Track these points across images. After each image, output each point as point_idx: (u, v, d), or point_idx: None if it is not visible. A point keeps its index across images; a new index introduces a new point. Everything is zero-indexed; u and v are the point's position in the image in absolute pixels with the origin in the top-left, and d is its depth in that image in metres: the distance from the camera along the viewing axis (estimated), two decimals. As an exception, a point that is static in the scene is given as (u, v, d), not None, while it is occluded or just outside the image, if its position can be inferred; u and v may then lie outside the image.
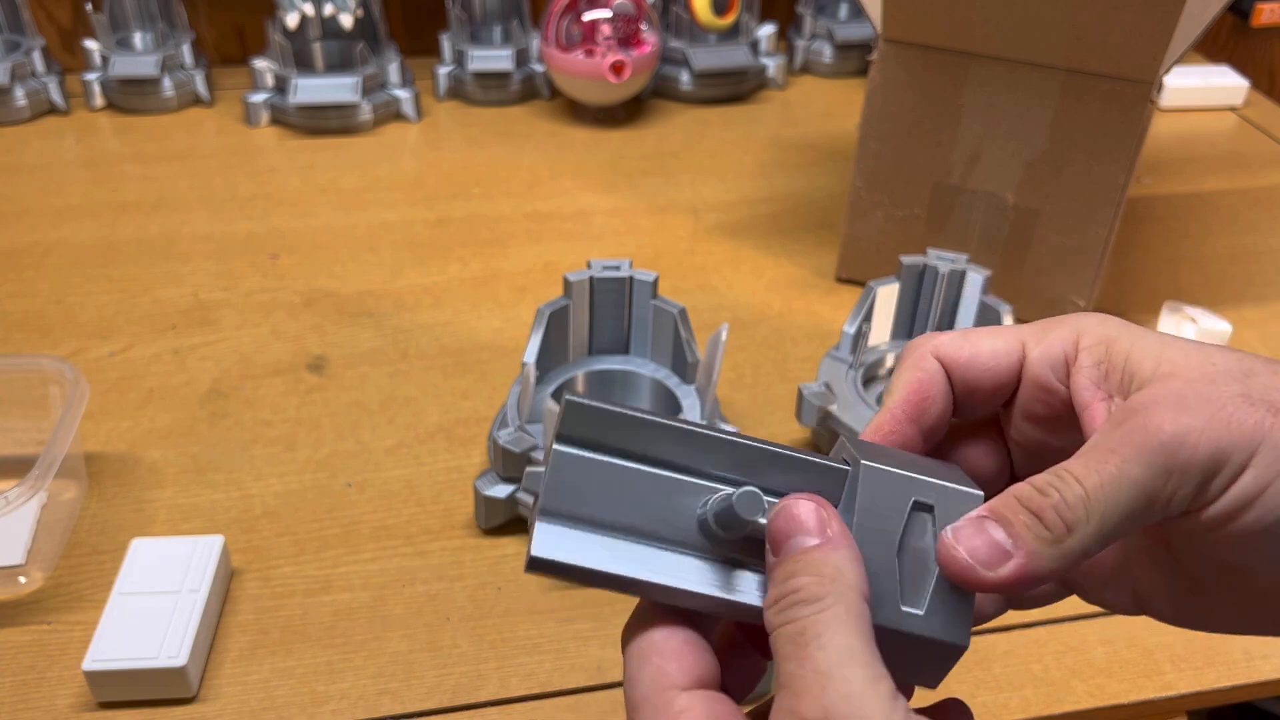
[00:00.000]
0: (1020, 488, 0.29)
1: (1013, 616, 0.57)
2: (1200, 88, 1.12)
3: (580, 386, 0.67)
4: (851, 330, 0.68)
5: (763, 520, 0.29)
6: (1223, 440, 0.28)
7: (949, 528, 0.29)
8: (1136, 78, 0.68)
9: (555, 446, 0.29)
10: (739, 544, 0.30)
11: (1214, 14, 0.68)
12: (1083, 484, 0.29)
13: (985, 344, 0.33)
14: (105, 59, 1.04)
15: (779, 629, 0.28)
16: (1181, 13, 0.64)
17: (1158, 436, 0.28)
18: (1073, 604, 0.58)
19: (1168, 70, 0.68)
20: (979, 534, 0.29)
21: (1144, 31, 0.65)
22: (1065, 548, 0.29)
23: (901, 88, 0.74)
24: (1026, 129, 0.72)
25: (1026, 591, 0.29)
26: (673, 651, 0.29)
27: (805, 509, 0.29)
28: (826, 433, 0.66)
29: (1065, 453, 0.30)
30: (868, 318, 0.69)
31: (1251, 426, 0.28)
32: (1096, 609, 0.58)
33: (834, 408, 0.65)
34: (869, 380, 0.70)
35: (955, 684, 0.54)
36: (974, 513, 0.30)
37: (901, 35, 0.72)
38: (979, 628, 0.31)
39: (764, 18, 1.16)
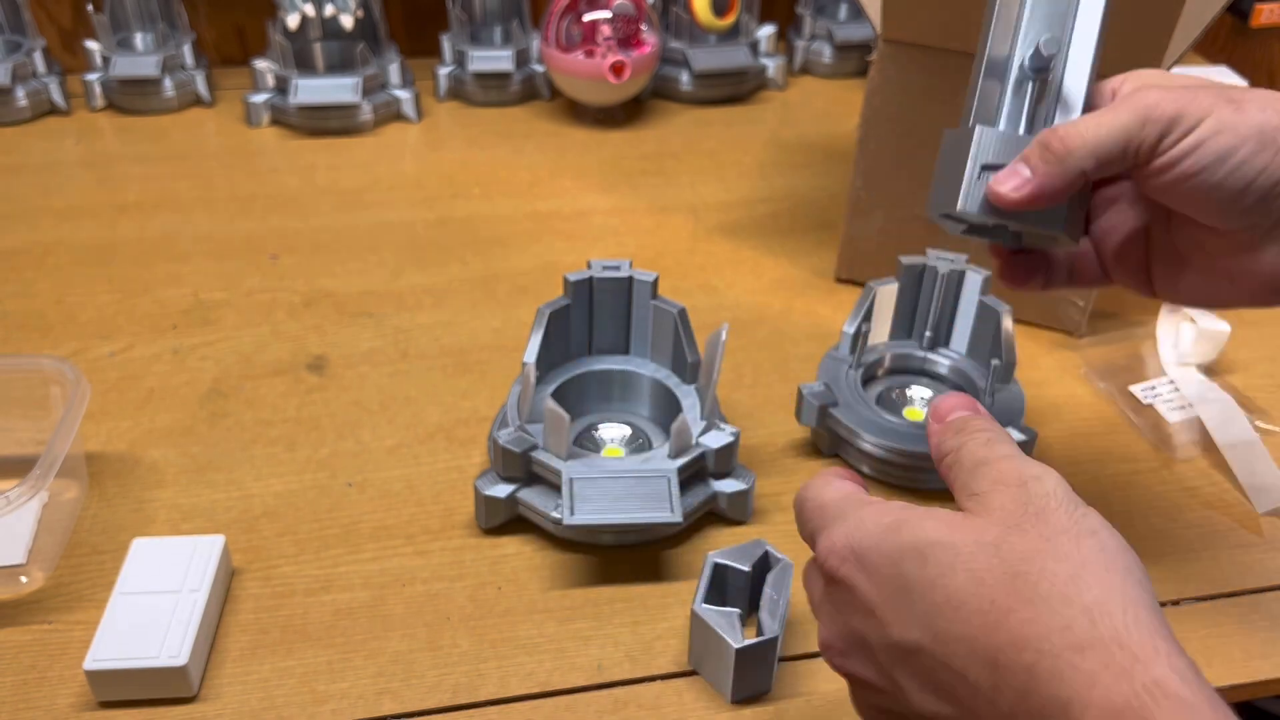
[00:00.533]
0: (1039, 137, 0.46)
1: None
2: (1200, 88, 1.12)
3: (580, 386, 0.67)
4: (851, 330, 0.68)
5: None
6: (1186, 107, 0.42)
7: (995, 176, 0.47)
8: (1136, 78, 0.68)
9: None
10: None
11: (1214, 14, 0.68)
12: (1079, 126, 0.44)
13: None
14: (106, 59, 1.04)
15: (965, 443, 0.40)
16: (1181, 13, 0.64)
17: (1143, 100, 0.43)
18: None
19: (1167, 70, 0.68)
20: (1010, 172, 0.46)
21: (1143, 31, 0.65)
22: (1066, 166, 0.44)
23: (901, 88, 0.74)
24: (1026, 129, 0.72)
25: (1047, 204, 0.45)
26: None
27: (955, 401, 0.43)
28: (826, 432, 0.66)
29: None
30: (867, 318, 0.69)
31: (1208, 104, 0.42)
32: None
33: (834, 409, 0.65)
34: (868, 380, 0.70)
35: (955, 683, 0.54)
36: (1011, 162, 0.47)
37: (901, 35, 0.72)
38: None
39: (764, 18, 1.16)
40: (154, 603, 0.54)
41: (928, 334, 0.70)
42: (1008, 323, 0.65)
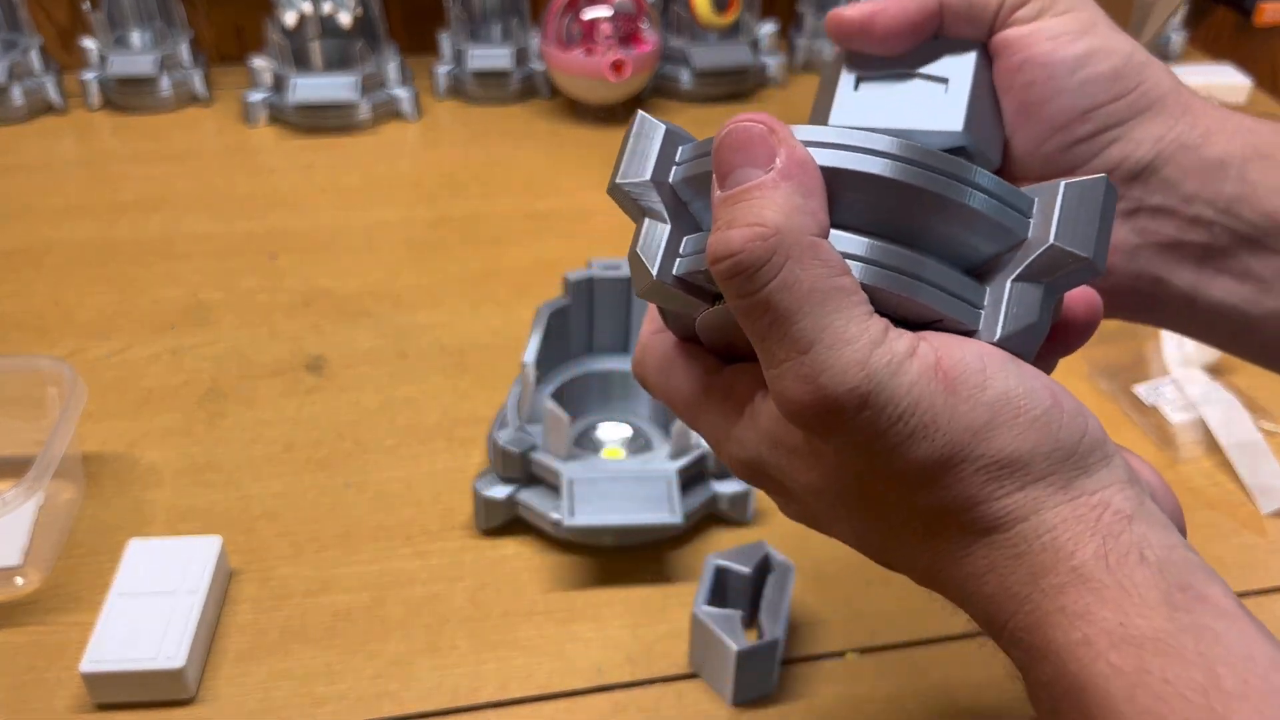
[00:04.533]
0: None
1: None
2: (1203, 86, 1.11)
3: (580, 386, 0.67)
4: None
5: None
6: None
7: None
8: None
9: None
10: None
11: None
12: None
13: None
14: (103, 58, 1.04)
15: (734, 304, 0.29)
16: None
17: None
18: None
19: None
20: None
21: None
22: None
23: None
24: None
25: (895, 31, 0.37)
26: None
27: (752, 129, 0.29)
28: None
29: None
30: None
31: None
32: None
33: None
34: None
35: (957, 686, 0.54)
36: None
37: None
38: (982, 632, 0.30)
39: (765, 16, 1.16)
40: (151, 604, 0.53)
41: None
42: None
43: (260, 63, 1.04)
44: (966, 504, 0.28)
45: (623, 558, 0.60)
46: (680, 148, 0.33)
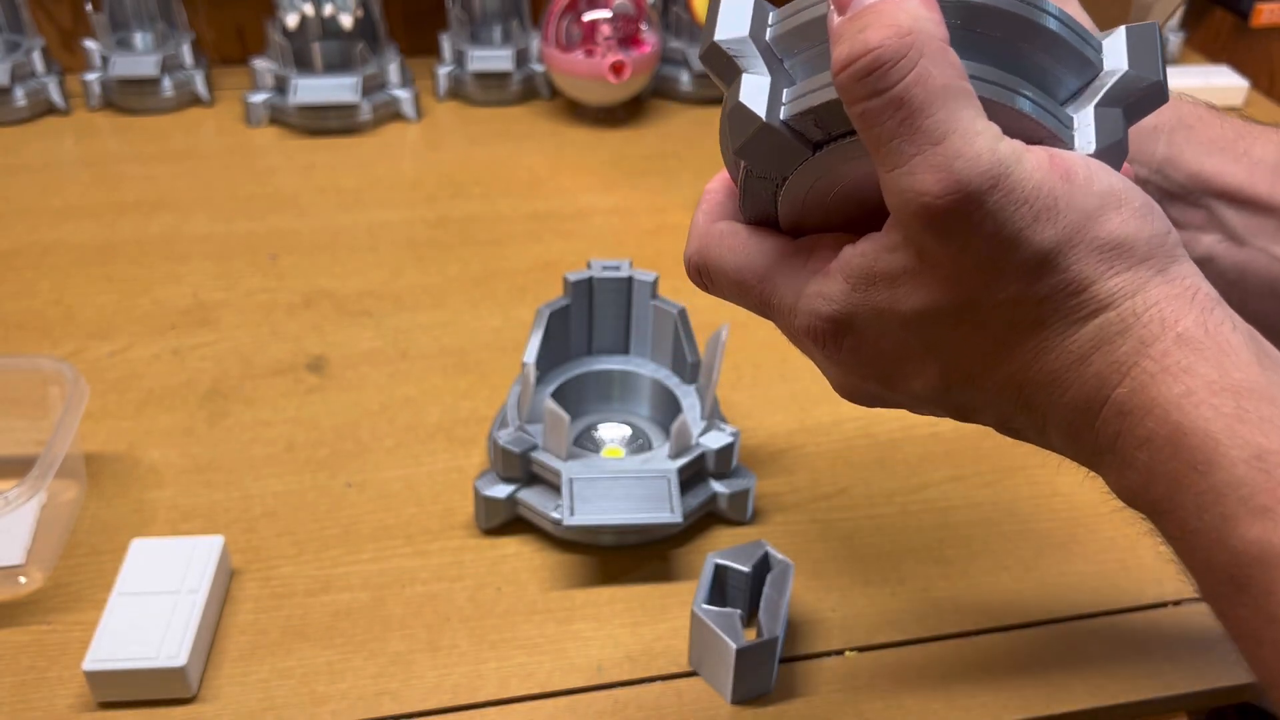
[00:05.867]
0: None
1: (1013, 616, 0.57)
2: (1200, 88, 1.12)
3: (580, 386, 0.67)
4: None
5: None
6: None
7: None
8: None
9: None
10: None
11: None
12: None
13: None
14: (105, 59, 1.04)
15: (861, 107, 0.30)
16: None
17: None
18: (1073, 604, 0.58)
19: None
20: None
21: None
22: None
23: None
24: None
25: None
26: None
27: None
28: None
29: None
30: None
31: None
32: (1097, 609, 0.58)
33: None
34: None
35: (955, 684, 0.54)
36: None
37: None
38: (979, 630, 0.31)
39: (764, 18, 1.16)
40: (153, 603, 0.54)
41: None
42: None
43: (261, 64, 1.04)
44: (1080, 285, 0.31)
45: (623, 556, 0.60)
46: (770, 12, 0.34)
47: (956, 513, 0.64)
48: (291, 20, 1.04)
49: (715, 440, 0.61)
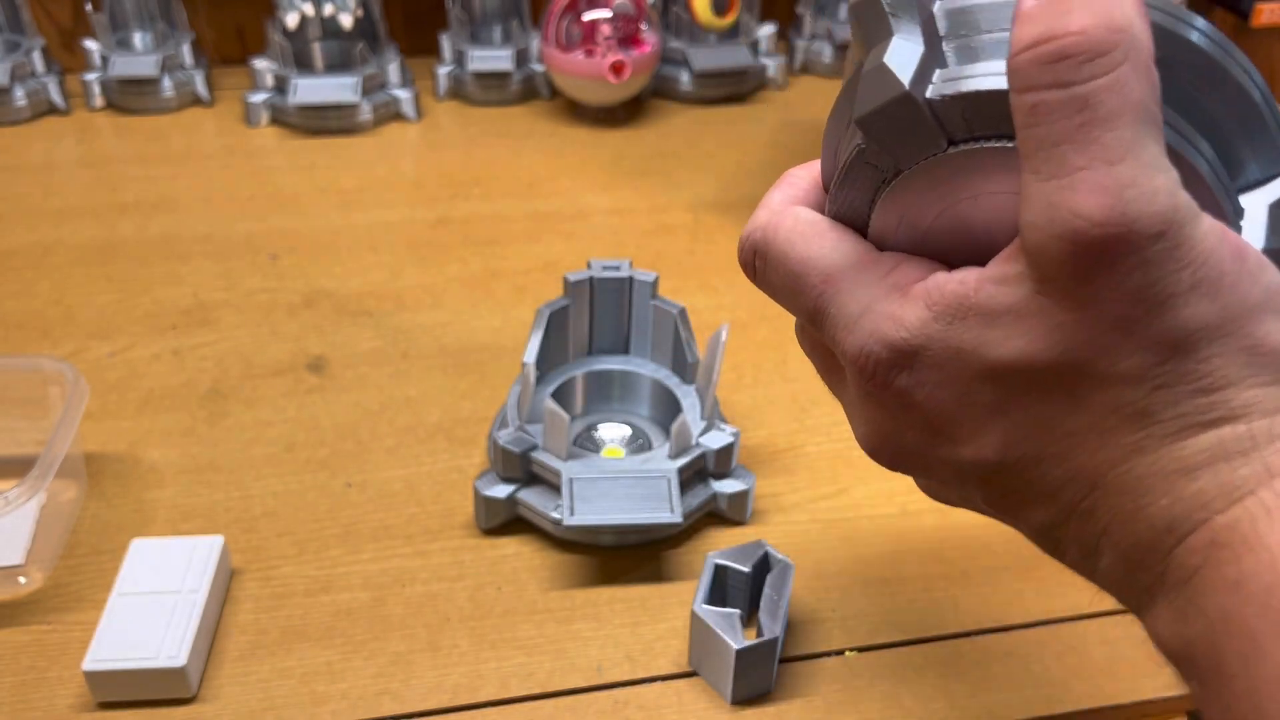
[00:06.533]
0: None
1: (1013, 616, 0.57)
2: (1200, 87, 1.12)
3: (580, 386, 0.67)
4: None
5: None
6: None
7: None
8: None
9: None
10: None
11: None
12: None
13: None
14: (105, 59, 1.04)
15: (1039, 96, 0.25)
16: None
17: None
18: (1073, 604, 0.58)
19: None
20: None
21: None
22: None
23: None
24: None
25: None
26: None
27: None
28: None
29: None
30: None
31: None
32: (1097, 609, 0.58)
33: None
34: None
35: (956, 684, 0.54)
36: None
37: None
38: (979, 630, 0.31)
39: (764, 18, 1.16)
40: (153, 603, 0.54)
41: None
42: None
43: (261, 64, 1.04)
44: (1215, 383, 0.26)
45: (622, 556, 0.60)
46: None
47: (957, 513, 0.64)
48: (291, 20, 1.04)
49: (715, 440, 0.61)
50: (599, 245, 0.88)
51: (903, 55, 0.28)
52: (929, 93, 0.27)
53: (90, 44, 1.05)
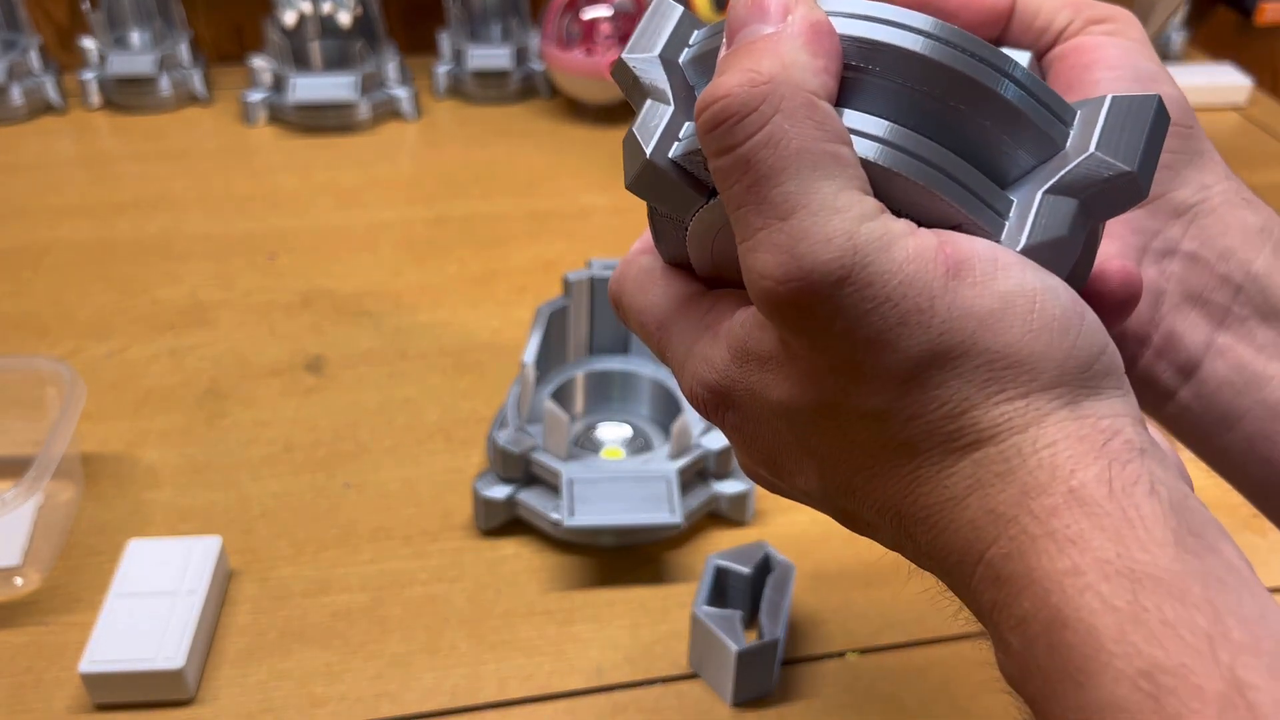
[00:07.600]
0: None
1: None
2: (1203, 86, 1.12)
3: (580, 387, 0.67)
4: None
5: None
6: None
7: None
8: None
9: None
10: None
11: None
12: None
13: None
14: (102, 57, 1.04)
15: (714, 164, 0.26)
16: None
17: None
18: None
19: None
20: None
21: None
22: None
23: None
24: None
25: None
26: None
27: None
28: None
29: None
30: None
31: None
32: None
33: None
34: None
35: (957, 686, 0.54)
36: None
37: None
38: (981, 632, 0.30)
39: (764, 16, 1.16)
40: (150, 605, 0.53)
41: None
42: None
43: (259, 62, 1.04)
44: (957, 409, 0.25)
45: (622, 558, 0.60)
46: (695, 31, 0.30)
47: (958, 513, 0.63)
48: (290, 18, 1.04)
49: (716, 441, 0.61)
50: (599, 245, 0.87)
51: (650, 119, 0.28)
52: (674, 151, 0.28)
53: (87, 42, 1.05)
